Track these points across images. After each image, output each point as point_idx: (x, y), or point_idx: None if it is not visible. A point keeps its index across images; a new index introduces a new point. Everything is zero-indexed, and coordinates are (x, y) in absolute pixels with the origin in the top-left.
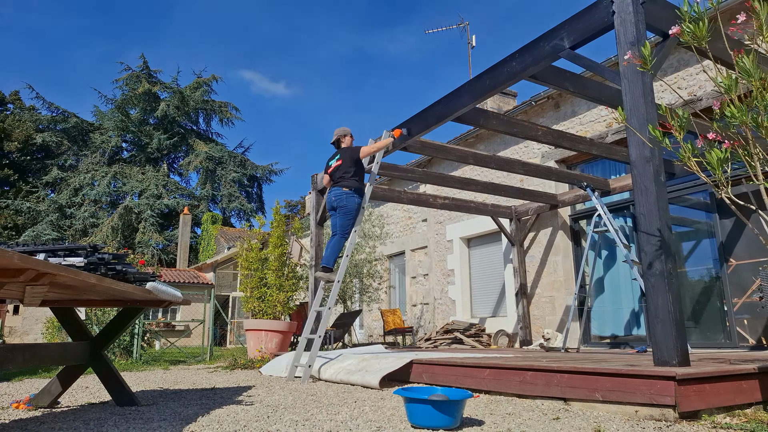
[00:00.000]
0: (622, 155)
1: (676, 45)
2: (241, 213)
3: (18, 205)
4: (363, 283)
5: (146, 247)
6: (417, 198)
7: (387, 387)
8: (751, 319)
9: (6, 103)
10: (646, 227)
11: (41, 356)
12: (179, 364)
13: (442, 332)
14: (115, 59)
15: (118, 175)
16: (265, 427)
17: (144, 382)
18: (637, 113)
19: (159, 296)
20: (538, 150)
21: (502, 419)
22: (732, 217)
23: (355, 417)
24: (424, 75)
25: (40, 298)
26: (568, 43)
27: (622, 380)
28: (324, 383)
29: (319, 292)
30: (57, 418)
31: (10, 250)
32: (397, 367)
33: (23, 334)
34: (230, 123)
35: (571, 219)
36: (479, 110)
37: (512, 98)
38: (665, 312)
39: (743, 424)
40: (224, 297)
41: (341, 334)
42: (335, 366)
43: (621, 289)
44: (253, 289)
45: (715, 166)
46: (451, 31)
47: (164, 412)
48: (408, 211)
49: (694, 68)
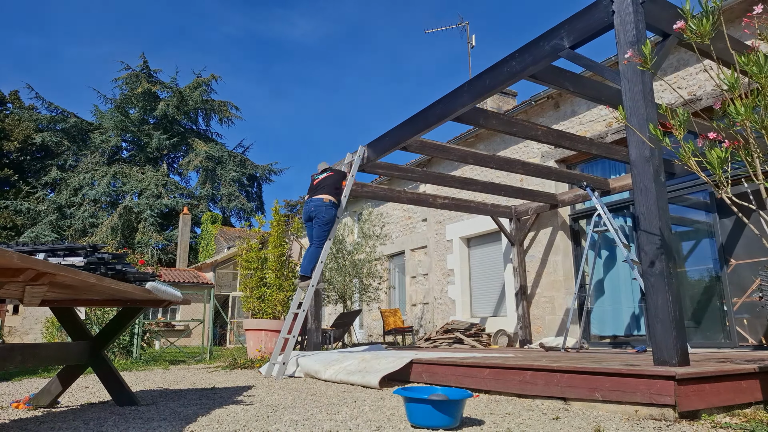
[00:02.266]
0: (621, 155)
1: (676, 44)
2: (241, 213)
3: (17, 205)
4: (363, 283)
5: (146, 246)
6: (417, 198)
7: (387, 387)
8: (751, 318)
9: (5, 102)
10: (645, 227)
11: (41, 356)
12: (179, 364)
13: (442, 332)
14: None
15: (117, 175)
16: (265, 426)
17: (144, 382)
18: (637, 113)
19: (159, 296)
20: (537, 150)
21: (502, 419)
22: (732, 217)
23: (355, 417)
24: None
25: (39, 297)
26: (567, 43)
27: (621, 380)
28: (324, 383)
29: (298, 293)
30: (57, 418)
31: (9, 250)
32: (397, 367)
33: (23, 333)
34: (230, 122)
35: (571, 219)
36: (479, 110)
37: (512, 98)
38: (665, 312)
39: (743, 424)
40: (224, 297)
41: (341, 334)
42: (336, 366)
43: (621, 288)
44: (253, 289)
45: (715, 166)
46: (451, 31)
47: (164, 411)
48: (408, 210)
49: (694, 68)
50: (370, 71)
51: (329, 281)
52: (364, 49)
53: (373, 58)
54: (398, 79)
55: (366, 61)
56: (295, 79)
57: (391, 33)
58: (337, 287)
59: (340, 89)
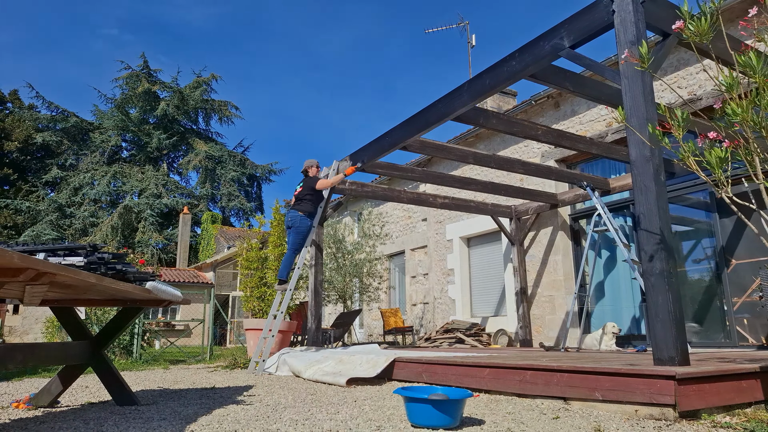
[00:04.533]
0: (622, 154)
1: (676, 44)
2: (241, 212)
3: (18, 204)
4: (363, 283)
5: (146, 246)
6: (417, 197)
7: (378, 384)
8: (751, 318)
9: (5, 102)
10: (646, 226)
11: (41, 356)
12: (179, 364)
13: (442, 332)
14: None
15: (117, 175)
16: (265, 426)
17: (144, 382)
18: (637, 112)
19: (159, 296)
20: (538, 149)
21: (502, 418)
22: (732, 217)
23: (355, 416)
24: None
25: (39, 297)
26: (568, 43)
27: (621, 379)
28: (324, 384)
29: (277, 296)
30: (57, 418)
31: (9, 250)
32: (371, 375)
33: (23, 333)
34: (230, 122)
35: (571, 218)
36: (479, 109)
37: (512, 97)
38: (665, 311)
39: (743, 423)
40: (224, 296)
41: (341, 334)
42: (315, 367)
43: (621, 288)
44: (253, 289)
45: (714, 166)
46: (451, 30)
47: (164, 411)
48: (408, 210)
49: (694, 67)
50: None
51: (329, 281)
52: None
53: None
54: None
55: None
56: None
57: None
58: (337, 287)
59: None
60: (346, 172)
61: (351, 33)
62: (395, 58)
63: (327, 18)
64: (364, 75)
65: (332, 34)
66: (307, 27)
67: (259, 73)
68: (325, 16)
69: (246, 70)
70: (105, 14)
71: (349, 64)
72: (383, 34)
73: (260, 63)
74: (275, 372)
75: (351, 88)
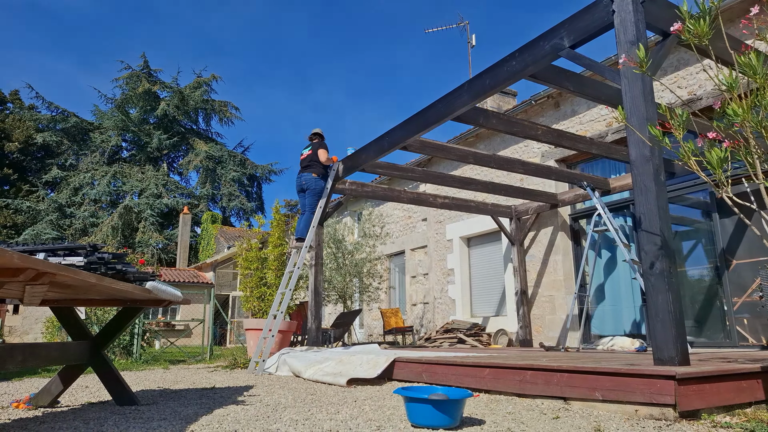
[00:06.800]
0: (622, 154)
1: (676, 44)
2: (241, 212)
3: (18, 204)
4: (363, 283)
5: (146, 246)
6: (417, 197)
7: (378, 384)
8: (751, 318)
9: (6, 102)
10: (646, 226)
11: (41, 356)
12: (179, 364)
13: (443, 332)
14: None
15: (117, 175)
16: (266, 426)
17: (144, 382)
18: (637, 112)
19: (159, 296)
20: (538, 149)
21: (502, 418)
22: (732, 217)
23: (355, 416)
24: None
25: (39, 297)
26: (567, 42)
27: (621, 379)
28: (324, 384)
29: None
30: (57, 418)
31: (9, 250)
32: (372, 375)
33: (23, 333)
34: (230, 122)
35: (571, 218)
36: (479, 109)
37: (512, 97)
38: (665, 311)
39: (743, 423)
40: (224, 296)
41: (341, 334)
42: (315, 367)
43: (621, 288)
44: (253, 289)
45: (715, 166)
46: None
47: (164, 411)
48: (408, 210)
49: (694, 67)
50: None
51: (329, 281)
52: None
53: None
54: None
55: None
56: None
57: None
58: (337, 287)
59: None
60: (332, 159)
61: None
62: (406, 61)
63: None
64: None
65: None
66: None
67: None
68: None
69: (246, 71)
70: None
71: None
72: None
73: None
74: (275, 372)
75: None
